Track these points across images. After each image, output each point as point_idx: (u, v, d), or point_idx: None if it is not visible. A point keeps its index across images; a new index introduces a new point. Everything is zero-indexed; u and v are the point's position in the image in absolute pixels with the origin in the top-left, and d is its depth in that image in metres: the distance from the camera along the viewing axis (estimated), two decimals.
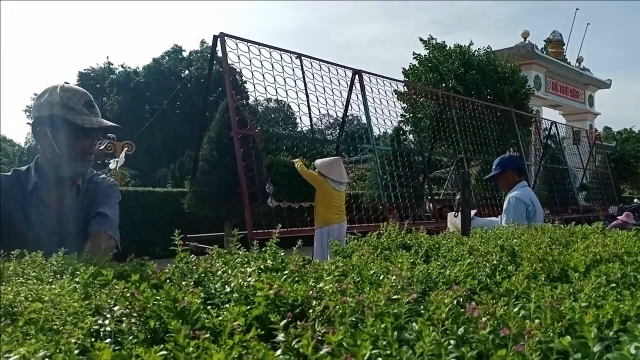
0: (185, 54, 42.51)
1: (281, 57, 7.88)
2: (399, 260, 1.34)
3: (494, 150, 11.83)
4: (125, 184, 22.51)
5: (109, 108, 39.18)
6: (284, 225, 7.50)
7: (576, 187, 15.39)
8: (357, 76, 8.98)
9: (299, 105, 8.16)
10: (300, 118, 9.31)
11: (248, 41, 7.54)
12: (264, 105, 44.72)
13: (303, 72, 8.20)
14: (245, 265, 1.37)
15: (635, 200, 25.91)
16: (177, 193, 10.26)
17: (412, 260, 1.46)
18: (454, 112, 10.85)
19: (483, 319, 0.88)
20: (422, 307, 1.04)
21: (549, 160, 14.21)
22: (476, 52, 14.46)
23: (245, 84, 25.95)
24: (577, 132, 18.60)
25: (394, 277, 1.05)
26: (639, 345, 0.76)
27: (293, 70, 8.06)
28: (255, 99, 36.64)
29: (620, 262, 1.24)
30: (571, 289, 1.09)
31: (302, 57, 8.21)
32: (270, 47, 7.72)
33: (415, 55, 14.84)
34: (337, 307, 0.91)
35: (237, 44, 7.32)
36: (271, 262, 1.33)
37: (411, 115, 12.78)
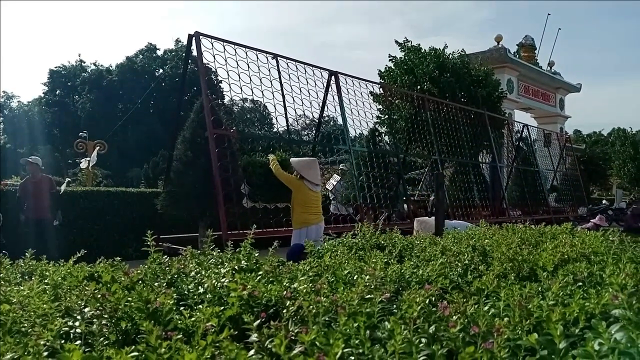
0: (159, 53, 41.93)
1: (257, 57, 7.85)
2: (373, 260, 1.35)
3: (467, 152, 12.01)
4: (97, 184, 22.08)
5: (80, 107, 38.39)
6: (259, 226, 7.47)
7: (547, 189, 15.72)
8: (333, 77, 9.01)
9: (275, 106, 8.15)
10: (276, 118, 9.28)
11: (224, 41, 7.49)
12: (239, 105, 44.43)
13: (279, 73, 8.20)
14: (219, 266, 1.37)
15: (604, 201, 26.61)
16: (150, 194, 10.10)
17: (385, 260, 1.47)
18: (429, 115, 10.97)
19: (454, 317, 0.90)
20: (394, 306, 1.06)
21: (521, 162, 14.48)
22: (450, 56, 14.63)
23: (220, 84, 25.75)
24: (548, 135, 19.00)
25: (367, 277, 1.06)
26: (603, 342, 0.79)
27: (269, 70, 8.04)
28: (231, 98, 36.36)
29: (587, 262, 1.28)
30: (540, 288, 1.12)
31: (279, 58, 8.20)
32: (246, 47, 7.69)
33: (391, 58, 14.95)
34: (311, 306, 0.91)
35: (212, 44, 7.27)
36: (245, 263, 1.32)
37: (386, 117, 12.88)
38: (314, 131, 9.92)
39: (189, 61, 9.32)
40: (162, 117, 34.98)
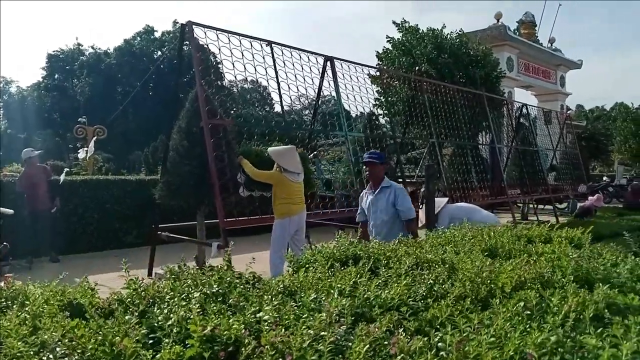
0: (157, 35, 41.62)
1: (251, 45, 7.81)
2: (339, 283, 1.41)
3: (465, 134, 12.00)
4: (98, 169, 22.16)
5: (79, 90, 38.28)
6: (256, 214, 7.55)
7: (546, 168, 15.73)
8: (328, 63, 8.97)
9: (269, 93, 8.14)
10: (278, 98, 9.18)
11: (217, 29, 7.45)
12: (239, 86, 44.25)
13: (274, 59, 8.16)
14: (192, 290, 1.43)
15: (605, 178, 26.62)
16: (149, 181, 10.15)
17: (354, 278, 1.53)
18: (426, 97, 10.93)
19: (398, 357, 0.95)
20: (351, 337, 1.11)
21: (520, 142, 14.47)
22: (449, 36, 14.52)
23: (220, 64, 25.63)
24: (548, 113, 18.94)
25: (323, 314, 1.11)
26: None
27: (263, 57, 8.01)
28: (234, 78, 36.23)
29: (540, 285, 1.33)
30: (491, 315, 1.18)
31: (273, 45, 8.16)
32: (239, 34, 7.64)
33: (389, 39, 14.84)
34: (267, 346, 0.97)
35: (205, 32, 7.24)
36: (216, 287, 1.38)
37: (384, 99, 12.85)
38: (311, 117, 9.91)
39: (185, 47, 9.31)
40: (161, 99, 34.87)
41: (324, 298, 1.35)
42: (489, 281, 1.37)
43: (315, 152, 10.30)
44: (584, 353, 0.91)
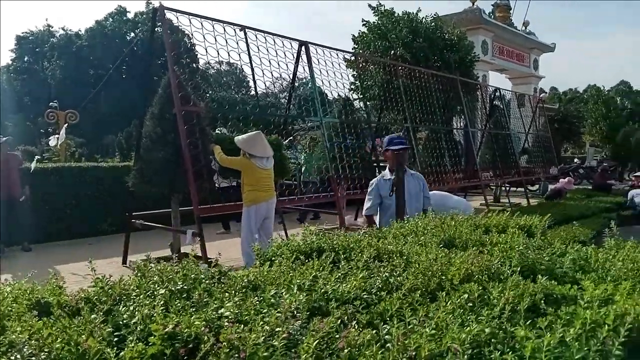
0: (130, 16, 40.71)
1: (224, 30, 7.75)
2: (301, 276, 1.48)
3: (439, 118, 12.14)
4: (71, 154, 21.73)
5: (50, 74, 37.35)
6: (230, 201, 7.58)
7: (518, 151, 16.03)
8: (303, 48, 8.95)
9: (245, 76, 8.10)
10: (253, 81, 9.10)
11: (189, 14, 7.37)
12: (214, 68, 43.67)
13: (247, 45, 8.11)
14: (158, 287, 1.48)
15: (576, 160, 27.25)
16: (122, 168, 10.05)
17: (315, 272, 1.60)
18: (401, 82, 11.01)
19: (345, 351, 1.03)
20: (305, 332, 1.19)
21: (493, 126, 14.70)
22: (424, 20, 14.58)
23: (194, 47, 25.24)
24: (521, 97, 19.24)
25: (277, 310, 1.18)
26: None
27: (237, 43, 7.96)
28: (208, 62, 35.74)
29: (487, 277, 1.42)
30: (437, 307, 1.26)
31: (247, 29, 8.11)
32: (212, 19, 7.56)
33: (364, 22, 14.84)
34: (223, 343, 1.04)
35: (177, 17, 7.16)
36: (181, 284, 1.44)
37: (359, 84, 12.89)
38: (288, 96, 9.90)
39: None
40: (136, 81, 34.24)
41: (284, 293, 1.42)
42: (439, 273, 1.46)
43: (291, 137, 10.32)
44: (515, 344, 1.00)
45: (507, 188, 16.82)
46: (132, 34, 39.21)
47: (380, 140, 18.02)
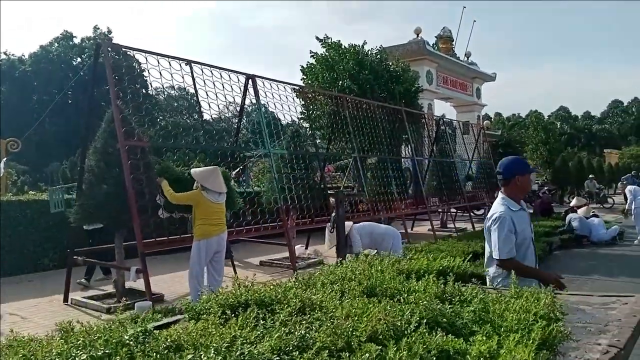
0: (77, 41, 39.89)
1: (170, 65, 7.78)
2: (219, 337, 1.56)
3: (386, 148, 12.49)
4: (13, 182, 20.79)
5: None
6: (176, 235, 7.51)
7: (462, 178, 16.61)
8: (250, 81, 9.09)
9: (197, 101, 8.13)
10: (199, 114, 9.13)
11: (133, 49, 7.39)
12: (166, 93, 43.20)
13: (193, 79, 8.16)
14: (80, 352, 1.53)
15: None
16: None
17: (234, 332, 1.68)
18: (348, 113, 11.30)
19: None
20: None
21: (438, 154, 15.21)
22: (369, 52, 15.06)
23: (144, 73, 24.94)
24: (465, 124, 20.02)
25: None
26: None
27: (183, 77, 8.01)
28: (160, 85, 35.39)
29: (393, 333, 1.54)
30: None
31: (192, 64, 8.17)
32: (157, 54, 7.59)
33: (312, 54, 15.19)
34: None
35: (121, 53, 7.16)
36: (102, 350, 1.49)
37: (307, 114, 13.12)
38: (234, 135, 9.94)
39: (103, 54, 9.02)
40: (81, 108, 33.41)
41: (202, 355, 1.49)
42: (350, 330, 1.57)
43: (239, 168, 10.34)
44: None
45: (455, 213, 17.38)
46: (79, 59, 38.38)
47: (329, 168, 18.23)
